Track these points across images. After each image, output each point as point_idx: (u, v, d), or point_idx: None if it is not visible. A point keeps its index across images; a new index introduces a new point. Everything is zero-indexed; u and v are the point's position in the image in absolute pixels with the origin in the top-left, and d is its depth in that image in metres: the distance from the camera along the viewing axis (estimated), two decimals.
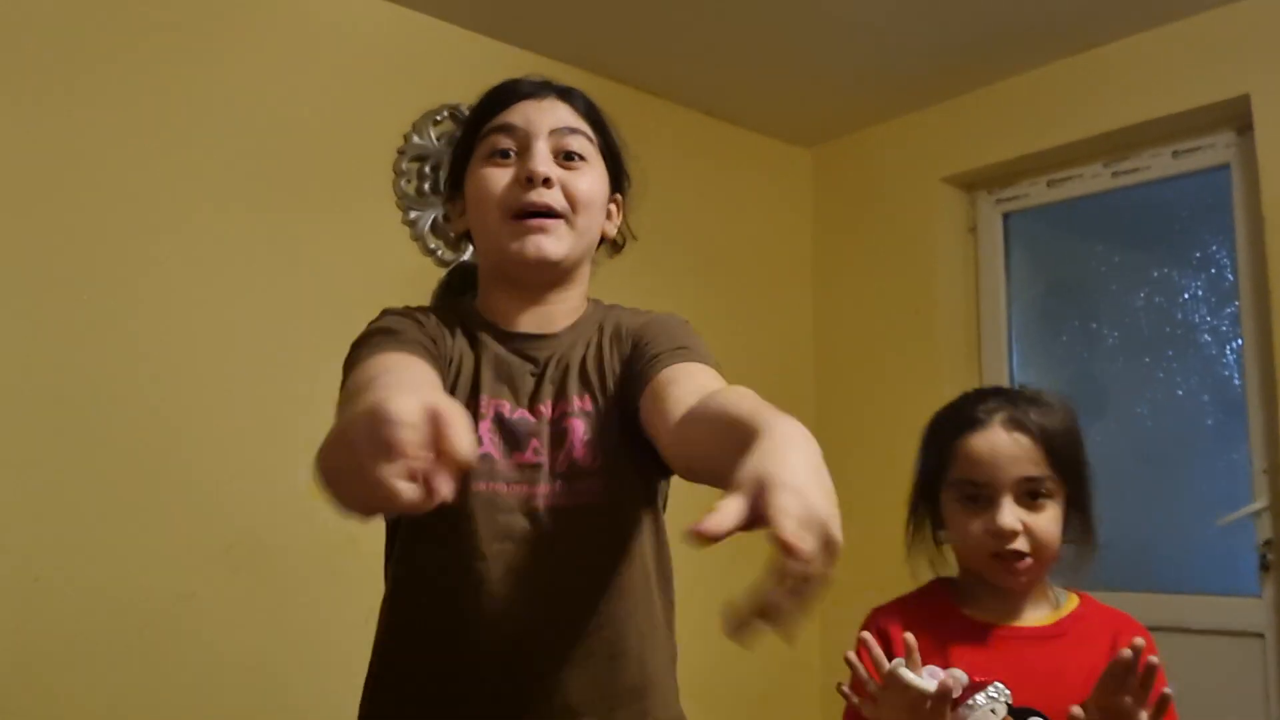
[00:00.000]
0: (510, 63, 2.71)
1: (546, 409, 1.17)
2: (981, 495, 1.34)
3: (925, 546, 1.45)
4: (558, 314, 1.23)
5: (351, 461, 0.74)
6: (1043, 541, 1.33)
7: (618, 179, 1.27)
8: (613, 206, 1.27)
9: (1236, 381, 2.61)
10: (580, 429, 1.15)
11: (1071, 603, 1.41)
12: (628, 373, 1.17)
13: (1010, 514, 1.32)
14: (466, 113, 1.29)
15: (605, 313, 1.26)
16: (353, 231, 2.39)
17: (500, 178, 1.17)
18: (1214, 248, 2.71)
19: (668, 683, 1.21)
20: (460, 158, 1.25)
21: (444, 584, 1.13)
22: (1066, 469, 1.36)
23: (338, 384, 2.21)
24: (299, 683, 2.16)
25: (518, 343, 1.20)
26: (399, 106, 2.51)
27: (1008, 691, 1.26)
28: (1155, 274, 2.84)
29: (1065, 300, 3.04)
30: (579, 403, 1.17)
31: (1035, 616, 1.38)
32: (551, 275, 1.21)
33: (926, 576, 1.46)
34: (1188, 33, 2.60)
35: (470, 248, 2.65)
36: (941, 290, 3.08)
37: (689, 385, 1.06)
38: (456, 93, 2.59)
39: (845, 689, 1.26)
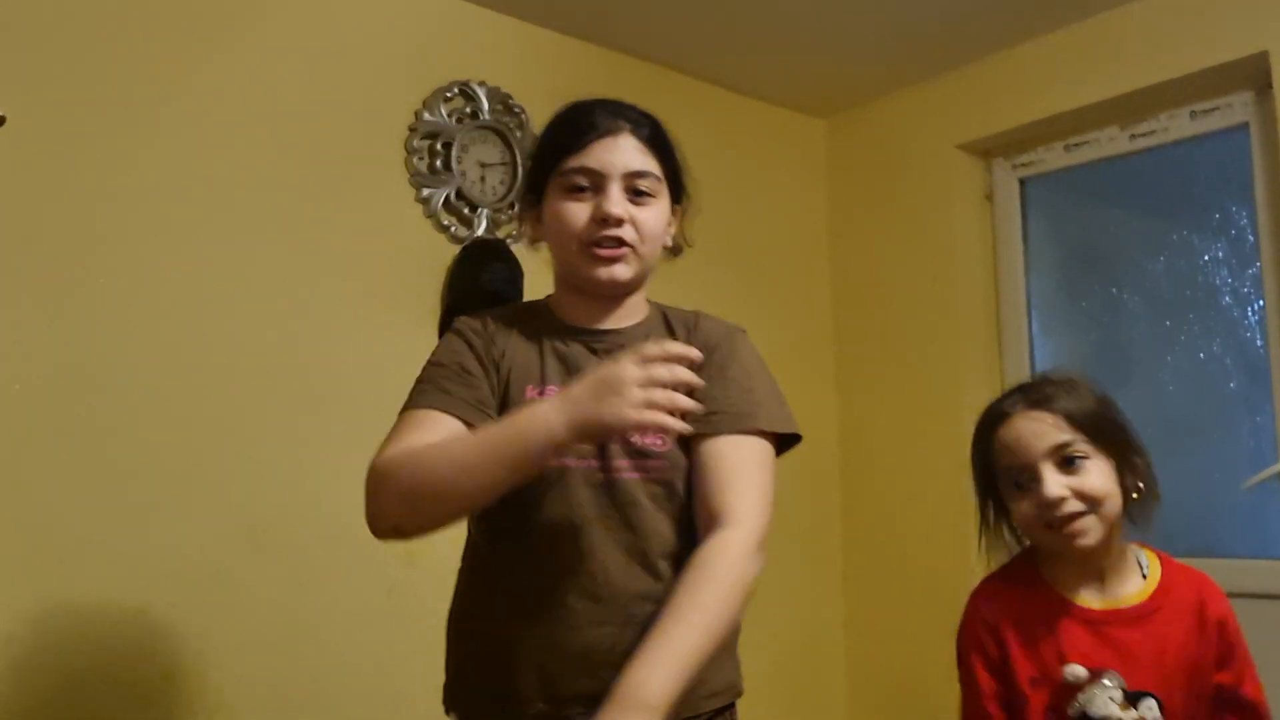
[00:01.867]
0: (522, 39, 2.70)
1: None
2: (1025, 477, 1.42)
3: (1000, 536, 1.53)
4: (621, 314, 1.42)
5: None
6: (1092, 495, 1.39)
7: (677, 194, 1.44)
8: (672, 217, 1.43)
9: (1259, 343, 2.58)
10: None
11: (1155, 568, 1.47)
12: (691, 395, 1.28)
13: (1053, 483, 1.39)
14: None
15: (668, 313, 1.45)
16: (366, 209, 2.39)
17: (579, 212, 1.34)
18: (1234, 209, 2.68)
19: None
20: (538, 174, 1.41)
21: (519, 547, 1.30)
22: (1093, 429, 1.42)
23: (353, 362, 2.27)
24: (323, 661, 2.18)
25: (585, 337, 1.39)
26: (410, 84, 2.50)
27: (1122, 679, 1.37)
28: (1175, 237, 2.81)
29: (1084, 265, 3.01)
30: None
31: (1128, 592, 1.44)
32: (621, 291, 1.40)
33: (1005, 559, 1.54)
34: None
35: (484, 223, 2.64)
36: (959, 258, 3.06)
37: (718, 475, 1.29)
38: (467, 69, 2.58)
39: None
